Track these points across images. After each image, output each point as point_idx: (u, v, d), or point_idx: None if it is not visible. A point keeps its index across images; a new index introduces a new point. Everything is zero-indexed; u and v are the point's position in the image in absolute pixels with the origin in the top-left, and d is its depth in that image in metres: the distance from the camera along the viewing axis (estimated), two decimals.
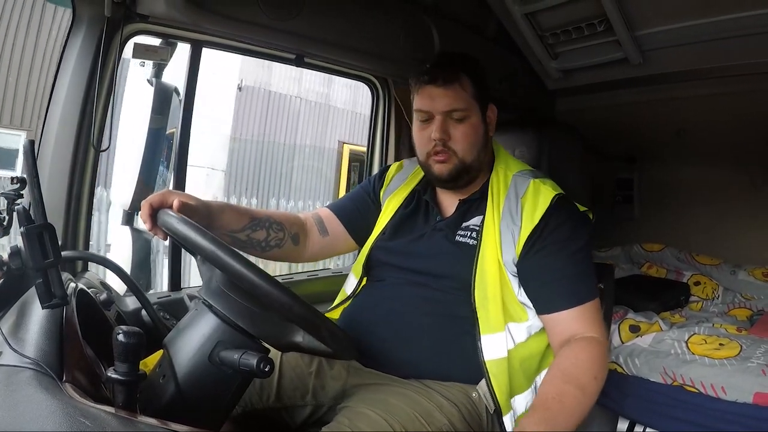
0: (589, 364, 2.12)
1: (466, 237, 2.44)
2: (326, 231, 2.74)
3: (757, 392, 2.90)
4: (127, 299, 2.80)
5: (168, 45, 3.00)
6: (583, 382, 2.07)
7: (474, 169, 2.47)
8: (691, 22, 3.61)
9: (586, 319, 2.22)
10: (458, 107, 2.40)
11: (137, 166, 2.97)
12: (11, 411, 1.17)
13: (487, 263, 2.32)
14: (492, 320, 2.26)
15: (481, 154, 2.47)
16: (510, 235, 2.34)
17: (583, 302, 2.23)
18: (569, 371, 2.12)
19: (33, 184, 1.56)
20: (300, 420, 2.32)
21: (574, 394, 2.03)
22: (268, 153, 15.58)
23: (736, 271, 4.56)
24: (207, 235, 1.68)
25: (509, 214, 2.37)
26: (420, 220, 2.61)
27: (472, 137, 2.43)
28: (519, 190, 2.41)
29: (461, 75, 2.43)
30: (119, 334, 1.34)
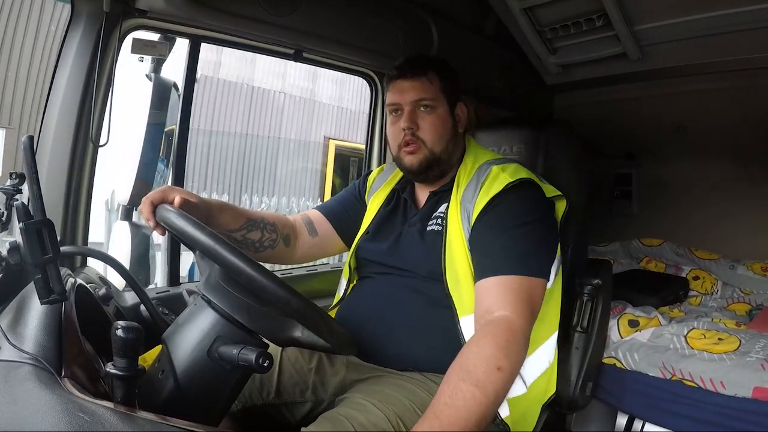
0: (492, 352, 1.97)
1: (433, 225, 2.49)
2: (315, 231, 2.80)
3: (757, 387, 2.89)
4: (125, 294, 2.81)
5: (167, 40, 3.00)
6: (481, 378, 1.91)
7: (443, 162, 2.55)
8: (689, 17, 3.61)
9: (504, 293, 2.14)
10: (425, 97, 2.51)
11: (136, 162, 2.96)
12: (10, 406, 1.17)
13: (454, 246, 2.37)
14: (466, 302, 2.27)
15: (450, 147, 2.56)
16: (466, 215, 2.38)
17: (506, 274, 2.16)
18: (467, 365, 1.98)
19: (32, 179, 1.55)
20: (300, 416, 2.33)
21: (472, 393, 1.87)
22: (251, 148, 15.49)
23: (735, 266, 4.57)
24: (206, 230, 1.68)
25: (467, 197, 2.42)
26: (399, 218, 2.68)
27: (440, 128, 2.53)
28: (480, 177, 2.45)
29: (428, 70, 2.55)
30: (118, 329, 1.34)
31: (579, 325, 2.78)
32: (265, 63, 15.07)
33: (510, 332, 2.04)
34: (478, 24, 4.33)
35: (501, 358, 1.96)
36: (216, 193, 12.51)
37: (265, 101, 15.70)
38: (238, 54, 12.34)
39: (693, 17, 3.60)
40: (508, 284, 2.15)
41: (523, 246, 2.26)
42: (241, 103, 15.08)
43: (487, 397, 1.89)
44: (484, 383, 1.89)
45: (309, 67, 12.07)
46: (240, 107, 15.10)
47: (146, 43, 2.90)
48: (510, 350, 2.00)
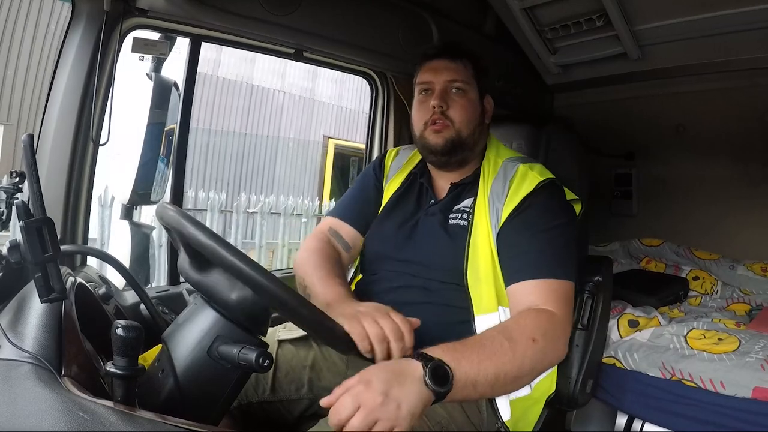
0: (530, 325, 2.04)
1: (458, 218, 2.48)
2: (349, 246, 2.71)
3: (757, 387, 2.90)
4: (126, 293, 2.81)
5: (167, 39, 3.00)
6: (515, 336, 1.97)
7: (467, 147, 2.55)
8: (690, 17, 3.61)
9: (546, 293, 2.17)
10: (458, 78, 2.54)
11: (135, 161, 2.96)
12: (10, 405, 1.17)
13: (479, 242, 2.36)
14: (485, 301, 2.28)
15: (476, 133, 2.56)
16: (496, 214, 2.38)
17: (546, 277, 2.20)
18: (506, 325, 2.09)
19: (32, 178, 1.55)
20: (297, 413, 2.32)
21: (500, 342, 1.92)
22: (250, 147, 15.47)
23: (734, 266, 4.57)
24: (206, 230, 1.68)
25: (496, 193, 2.42)
26: (412, 203, 2.66)
27: (470, 112, 2.54)
28: (508, 174, 2.45)
29: (463, 57, 2.58)
30: (118, 328, 1.34)
31: (579, 323, 2.78)
32: (265, 61, 15.07)
33: (551, 321, 2.11)
34: (477, 23, 4.33)
35: (538, 334, 2.02)
36: (214, 191, 12.45)
37: (264, 100, 15.71)
38: (238, 53, 12.31)
39: (693, 17, 3.60)
40: (549, 286, 2.19)
41: (557, 250, 2.28)
42: (240, 101, 15.09)
43: (515, 354, 1.94)
44: (515, 342, 1.96)
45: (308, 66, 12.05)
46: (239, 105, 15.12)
47: (147, 42, 2.90)
48: (547, 334, 2.06)
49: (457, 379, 1.76)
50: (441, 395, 1.73)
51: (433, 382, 1.70)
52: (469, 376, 1.81)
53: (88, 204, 2.80)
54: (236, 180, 15.13)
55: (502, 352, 1.91)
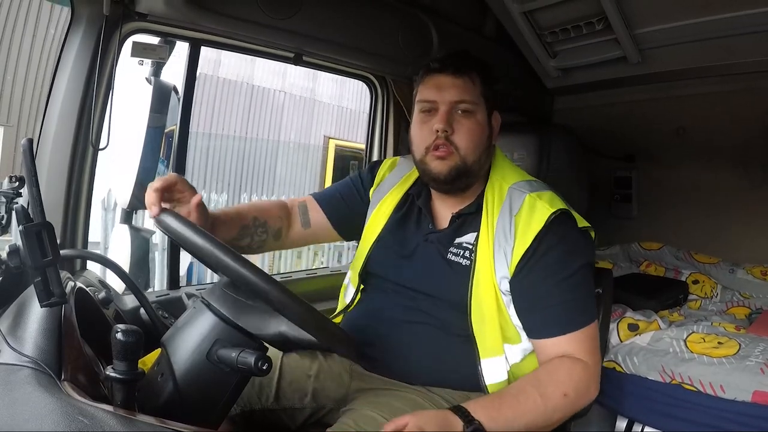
0: (563, 380, 2.07)
1: (459, 256, 2.36)
2: (309, 223, 2.70)
3: (756, 390, 2.89)
4: (125, 298, 2.81)
5: (166, 43, 3.00)
6: (548, 392, 2.02)
7: (473, 173, 2.37)
8: (689, 21, 3.62)
9: (576, 345, 2.15)
10: (466, 99, 2.32)
11: (135, 165, 2.97)
12: (10, 409, 1.17)
13: (483, 285, 2.26)
14: (489, 343, 2.23)
15: (482, 158, 2.38)
16: (503, 254, 2.25)
17: (574, 330, 2.16)
18: (540, 378, 2.09)
19: (31, 182, 1.55)
20: (299, 422, 2.32)
21: (534, 398, 1.99)
22: (250, 148, 15.48)
23: (734, 270, 4.56)
24: (208, 237, 1.69)
25: (503, 231, 2.27)
26: (412, 227, 2.54)
27: (477, 135, 2.34)
28: (513, 206, 2.30)
29: (472, 70, 2.37)
30: (118, 332, 1.34)
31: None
32: (265, 62, 15.08)
33: (584, 371, 2.13)
34: (477, 26, 4.34)
35: (570, 388, 2.06)
36: (215, 192, 12.49)
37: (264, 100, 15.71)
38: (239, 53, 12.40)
39: (692, 21, 3.60)
40: (578, 338, 2.17)
41: (579, 296, 2.21)
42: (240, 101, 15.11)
43: (546, 411, 2.00)
44: (548, 398, 2.01)
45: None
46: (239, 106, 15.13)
47: (146, 46, 2.91)
48: (579, 386, 2.09)
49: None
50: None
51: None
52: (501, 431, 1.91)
53: (88, 208, 2.80)
54: (237, 181, 15.15)
55: (534, 407, 1.99)
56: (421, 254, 2.43)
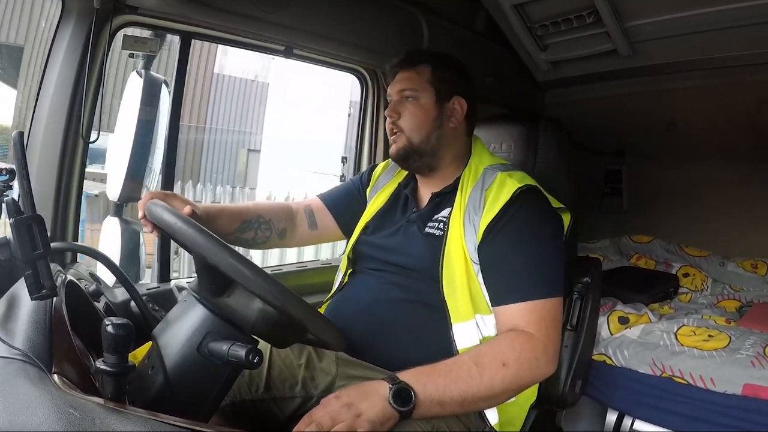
0: (503, 350, 2.11)
1: (434, 228, 2.48)
2: (315, 224, 2.83)
3: (747, 383, 2.90)
4: (116, 290, 2.81)
5: (157, 37, 3.00)
6: (485, 361, 2.07)
7: (426, 153, 2.56)
8: (680, 14, 3.63)
9: (528, 316, 2.19)
10: (408, 87, 2.56)
11: (126, 158, 2.96)
12: (0, 402, 1.17)
13: (453, 253, 2.35)
14: (461, 309, 2.28)
15: (432, 139, 2.55)
16: (472, 225, 2.36)
17: (530, 299, 2.21)
18: (479, 350, 2.16)
19: (22, 175, 1.55)
20: (289, 411, 2.32)
21: (468, 367, 2.05)
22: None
23: (725, 263, 4.58)
24: (195, 226, 1.68)
25: (472, 204, 2.40)
26: (398, 212, 2.69)
27: (419, 117, 2.54)
28: (486, 183, 2.44)
29: (420, 63, 2.59)
30: (108, 325, 1.34)
31: (568, 323, 2.78)
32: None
33: (528, 343, 2.14)
34: (468, 20, 4.34)
35: (510, 358, 2.09)
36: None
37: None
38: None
39: (683, 14, 3.61)
40: (534, 309, 2.20)
41: (541, 265, 2.28)
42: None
43: (482, 379, 2.04)
44: (484, 367, 2.05)
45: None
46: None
47: (137, 39, 2.90)
48: (522, 356, 2.11)
49: (421, 401, 1.97)
50: (404, 413, 1.94)
51: (396, 402, 1.93)
52: (434, 398, 1.99)
53: (79, 201, 2.80)
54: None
55: (468, 376, 2.04)
56: (403, 232, 2.56)
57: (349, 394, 1.93)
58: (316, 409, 1.90)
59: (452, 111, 2.57)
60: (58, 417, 1.12)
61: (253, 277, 1.61)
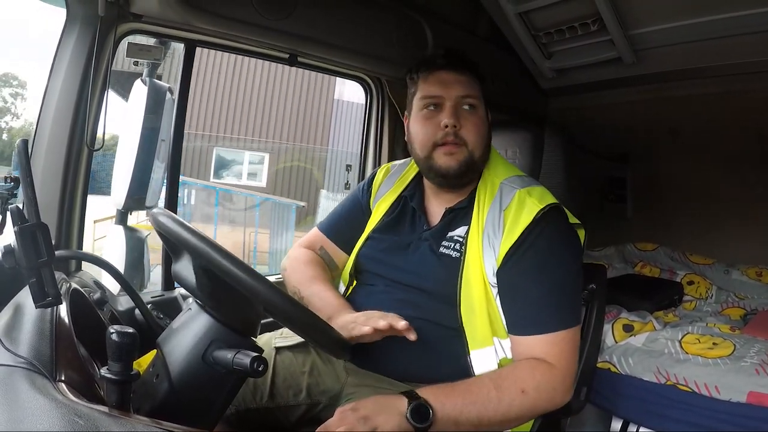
0: (523, 376, 2.07)
1: (449, 249, 2.37)
2: (335, 265, 2.71)
3: (751, 391, 2.90)
4: (120, 299, 2.81)
5: (161, 44, 3.00)
6: (504, 385, 2.03)
7: (478, 167, 2.41)
8: (684, 22, 3.62)
9: (549, 347, 2.14)
10: (471, 94, 2.38)
11: (131, 166, 2.96)
12: (4, 410, 1.16)
13: (472, 277, 2.26)
14: (479, 335, 2.23)
15: (486, 154, 2.42)
16: (491, 248, 2.26)
17: (551, 331, 2.13)
18: (499, 373, 2.12)
19: (26, 183, 1.55)
20: (294, 418, 2.32)
21: (488, 389, 2.02)
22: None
23: (729, 271, 4.57)
24: (199, 235, 1.68)
25: (492, 225, 2.29)
26: (406, 228, 2.55)
27: (483, 130, 2.39)
28: (504, 201, 2.32)
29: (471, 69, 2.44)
30: (113, 333, 1.34)
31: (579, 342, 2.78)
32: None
33: (548, 373, 2.10)
34: (472, 27, 4.34)
35: (529, 386, 2.06)
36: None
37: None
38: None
39: (687, 22, 3.61)
40: (554, 341, 2.14)
41: (562, 295, 2.20)
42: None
43: (500, 404, 2.01)
44: (503, 391, 2.02)
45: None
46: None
47: (141, 47, 2.90)
48: (540, 386, 2.07)
49: (438, 419, 1.93)
50: (420, 430, 1.90)
51: (413, 418, 1.89)
52: (451, 417, 1.95)
53: (83, 209, 2.79)
54: None
55: (487, 399, 2.00)
56: (414, 250, 2.44)
57: (366, 407, 1.89)
58: (331, 421, 1.85)
59: (490, 125, 2.48)
60: (63, 425, 1.12)
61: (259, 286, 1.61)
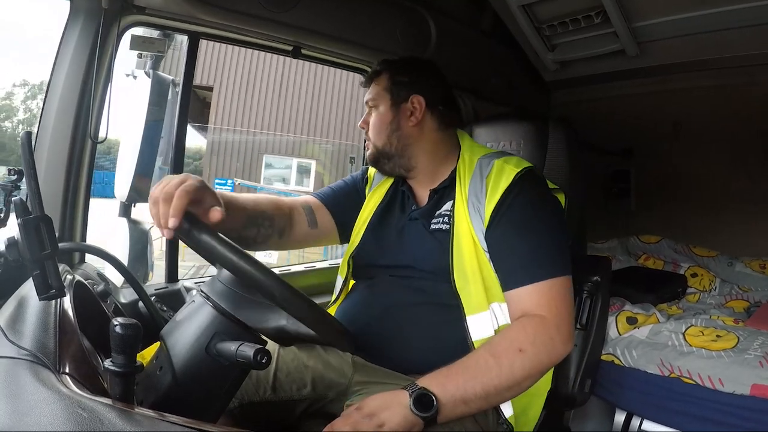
0: (516, 336, 2.11)
1: (439, 223, 2.49)
2: (315, 223, 2.76)
3: (755, 384, 2.89)
4: (124, 291, 2.81)
5: (165, 36, 3.00)
6: (500, 350, 2.07)
7: (393, 155, 2.63)
8: (688, 14, 3.62)
9: (538, 297, 2.20)
10: (369, 98, 2.69)
11: (134, 158, 2.96)
12: (8, 402, 1.17)
13: (463, 244, 2.37)
14: (474, 301, 2.29)
15: (394, 140, 2.62)
16: (477, 213, 2.38)
17: (538, 280, 2.21)
18: (491, 341, 2.16)
19: (30, 175, 1.55)
20: (297, 412, 2.33)
21: (484, 359, 2.05)
22: None
23: (733, 263, 4.57)
24: (205, 228, 1.69)
25: (475, 193, 2.43)
26: (397, 211, 2.70)
27: (377, 124, 2.64)
28: (484, 171, 2.47)
29: (380, 73, 2.69)
30: (116, 325, 1.33)
31: (578, 323, 2.77)
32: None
33: (541, 325, 2.15)
34: (475, 19, 4.33)
35: (525, 343, 2.09)
36: None
37: None
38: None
39: (691, 14, 3.60)
40: (541, 289, 2.21)
41: (546, 245, 2.29)
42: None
43: (501, 369, 2.03)
44: (500, 356, 2.05)
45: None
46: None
47: (145, 39, 2.91)
48: (537, 339, 2.11)
49: (443, 403, 1.96)
50: (428, 419, 1.93)
51: (417, 408, 1.92)
52: (457, 398, 1.99)
53: (87, 201, 2.79)
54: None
55: (487, 368, 2.04)
56: (407, 232, 2.57)
57: (369, 405, 1.93)
58: (337, 421, 1.90)
59: (411, 110, 2.61)
60: (66, 417, 1.12)
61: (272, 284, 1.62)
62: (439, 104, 2.65)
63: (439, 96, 2.66)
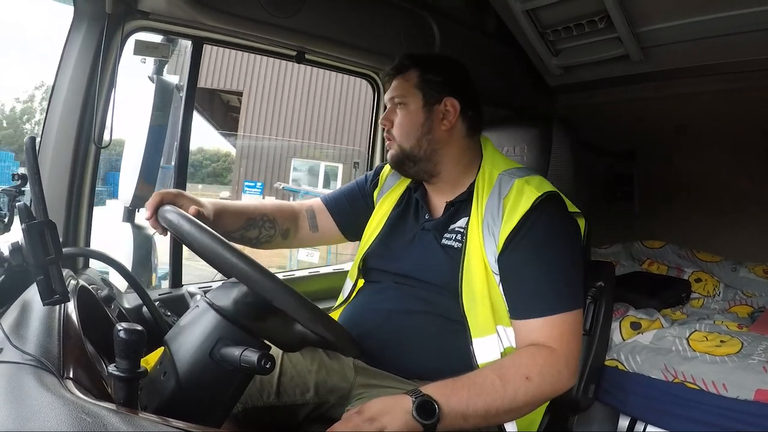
0: (525, 363, 2.09)
1: (451, 240, 2.44)
2: (317, 227, 2.83)
3: (759, 389, 2.89)
4: (128, 296, 2.81)
5: (169, 42, 3.00)
6: (508, 374, 2.05)
7: (420, 159, 2.51)
8: (692, 19, 3.61)
9: (550, 330, 2.17)
10: (396, 94, 2.54)
11: (138, 163, 2.97)
12: (12, 407, 1.17)
13: (474, 265, 2.32)
14: (481, 323, 2.26)
15: (424, 143, 2.50)
16: (491, 236, 2.32)
17: (550, 314, 2.18)
18: (501, 363, 2.15)
19: (34, 180, 1.55)
20: (301, 417, 2.33)
21: (491, 380, 2.03)
22: None
23: (737, 268, 4.56)
24: (209, 233, 1.69)
25: (491, 214, 2.36)
26: (410, 219, 2.64)
27: (408, 123, 2.50)
28: (503, 190, 2.39)
29: (408, 68, 2.56)
30: (120, 331, 1.33)
31: (582, 328, 2.77)
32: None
33: (551, 357, 2.13)
34: (479, 24, 4.33)
35: (533, 372, 2.07)
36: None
37: None
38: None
39: (695, 19, 3.60)
40: (555, 323, 2.18)
41: (563, 278, 2.24)
42: None
43: (505, 392, 2.02)
44: (507, 380, 2.03)
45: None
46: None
47: (148, 44, 2.91)
48: (544, 370, 2.09)
49: (445, 414, 1.92)
50: (429, 427, 1.89)
51: (419, 415, 1.88)
52: (458, 411, 1.95)
53: (91, 206, 2.80)
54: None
55: (492, 389, 2.02)
56: (418, 243, 2.52)
57: (371, 409, 1.90)
58: (337, 425, 1.87)
59: (444, 113, 2.51)
60: (70, 422, 1.12)
61: (267, 282, 1.62)
62: (470, 109, 2.56)
63: (470, 100, 2.57)
